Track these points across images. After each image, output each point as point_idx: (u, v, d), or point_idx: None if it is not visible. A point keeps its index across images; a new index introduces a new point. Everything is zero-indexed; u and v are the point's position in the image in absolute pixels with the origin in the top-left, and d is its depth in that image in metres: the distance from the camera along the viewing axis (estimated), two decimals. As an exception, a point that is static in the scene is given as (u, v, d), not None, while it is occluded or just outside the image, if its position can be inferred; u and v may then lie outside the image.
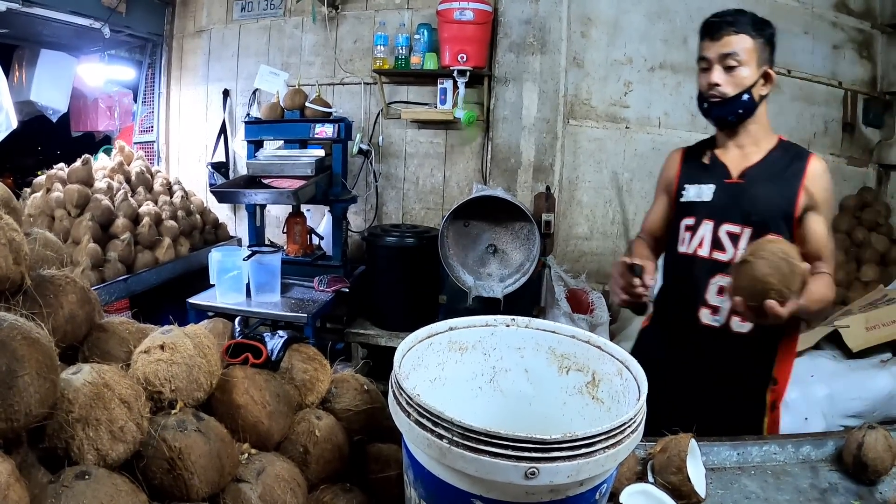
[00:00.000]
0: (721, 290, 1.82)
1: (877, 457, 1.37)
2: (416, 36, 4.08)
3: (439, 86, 4.05)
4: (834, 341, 3.32)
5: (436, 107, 4.12)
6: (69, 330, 0.93)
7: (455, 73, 3.89)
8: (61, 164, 3.64)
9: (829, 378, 3.12)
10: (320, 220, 4.36)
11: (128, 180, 3.90)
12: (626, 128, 4.21)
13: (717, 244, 1.84)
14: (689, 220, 1.91)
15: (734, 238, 1.82)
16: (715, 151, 1.93)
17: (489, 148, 4.19)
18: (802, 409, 3.02)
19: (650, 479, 1.27)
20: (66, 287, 0.94)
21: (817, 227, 1.77)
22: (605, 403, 1.08)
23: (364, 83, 4.43)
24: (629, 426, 0.84)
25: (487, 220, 3.63)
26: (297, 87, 3.95)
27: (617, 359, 1.05)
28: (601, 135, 4.21)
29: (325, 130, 3.79)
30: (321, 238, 4.14)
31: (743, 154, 1.87)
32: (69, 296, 0.93)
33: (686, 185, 1.95)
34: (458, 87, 3.95)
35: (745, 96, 1.76)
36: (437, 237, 3.51)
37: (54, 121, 4.74)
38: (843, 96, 4.40)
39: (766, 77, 1.79)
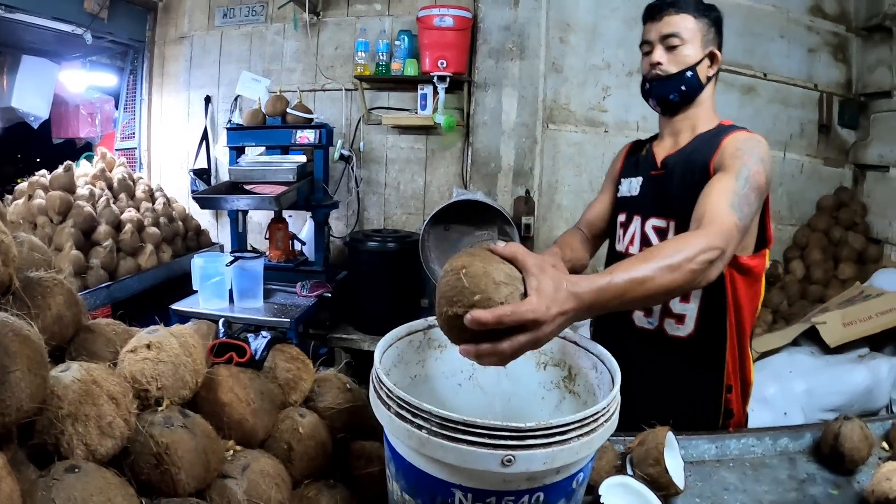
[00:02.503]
0: None
1: (853, 447, 1.38)
2: (397, 42, 4.10)
3: (420, 91, 4.08)
4: (812, 337, 3.38)
5: (416, 112, 4.14)
6: (57, 330, 0.94)
7: (435, 79, 3.92)
8: (43, 171, 3.62)
9: (808, 373, 3.17)
10: (302, 225, 4.36)
11: (110, 187, 3.90)
12: (605, 132, 4.26)
13: (645, 241, 1.72)
14: (622, 217, 1.83)
15: (661, 233, 1.69)
16: (653, 142, 1.83)
17: (469, 153, 4.22)
18: (781, 405, 3.07)
19: (629, 472, 1.30)
20: (53, 288, 0.95)
21: (708, 187, 1.45)
22: (582, 397, 1.11)
23: (345, 89, 4.45)
24: (603, 415, 0.87)
25: (468, 223, 3.65)
26: (278, 93, 3.97)
27: (592, 353, 1.08)
28: (580, 139, 4.25)
29: (307, 136, 3.81)
30: (303, 243, 4.14)
31: (675, 142, 1.73)
32: (57, 297, 0.95)
33: (622, 180, 1.87)
34: (438, 93, 3.99)
35: (689, 73, 1.64)
36: (419, 242, 3.52)
37: (35, 127, 4.71)
38: (818, 98, 4.46)
39: (712, 57, 1.67)
